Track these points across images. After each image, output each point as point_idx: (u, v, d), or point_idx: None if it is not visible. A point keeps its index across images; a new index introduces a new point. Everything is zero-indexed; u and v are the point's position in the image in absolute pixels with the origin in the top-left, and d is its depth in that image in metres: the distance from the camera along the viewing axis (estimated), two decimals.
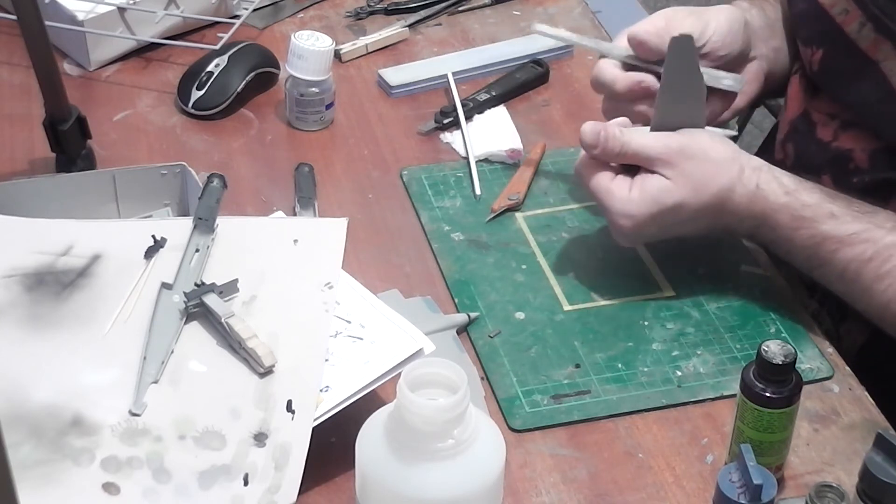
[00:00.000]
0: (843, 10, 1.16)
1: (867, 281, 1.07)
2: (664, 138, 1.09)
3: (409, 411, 0.82)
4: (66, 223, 1.09)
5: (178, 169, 1.18)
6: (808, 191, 1.09)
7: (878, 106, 1.14)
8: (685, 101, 1.11)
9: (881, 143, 1.16)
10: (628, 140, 1.10)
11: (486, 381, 1.07)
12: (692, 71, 1.10)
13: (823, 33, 1.18)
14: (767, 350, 0.93)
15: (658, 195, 1.09)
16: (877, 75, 1.12)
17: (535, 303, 1.15)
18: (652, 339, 1.11)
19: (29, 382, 0.97)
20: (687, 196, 1.08)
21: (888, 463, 0.86)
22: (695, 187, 1.08)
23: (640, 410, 1.05)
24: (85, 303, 1.03)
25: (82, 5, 1.39)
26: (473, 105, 1.37)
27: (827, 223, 1.07)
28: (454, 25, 1.53)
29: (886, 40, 1.11)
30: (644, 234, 1.12)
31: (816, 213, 1.08)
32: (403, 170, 1.30)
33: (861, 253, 1.06)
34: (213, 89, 1.35)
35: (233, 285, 1.04)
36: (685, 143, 1.09)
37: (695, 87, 1.10)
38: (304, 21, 1.52)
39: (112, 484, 0.92)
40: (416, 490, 0.83)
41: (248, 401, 0.97)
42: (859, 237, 1.07)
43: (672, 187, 1.08)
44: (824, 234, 1.07)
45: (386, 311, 1.03)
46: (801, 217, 1.08)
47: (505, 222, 1.24)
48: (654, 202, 1.09)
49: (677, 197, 1.08)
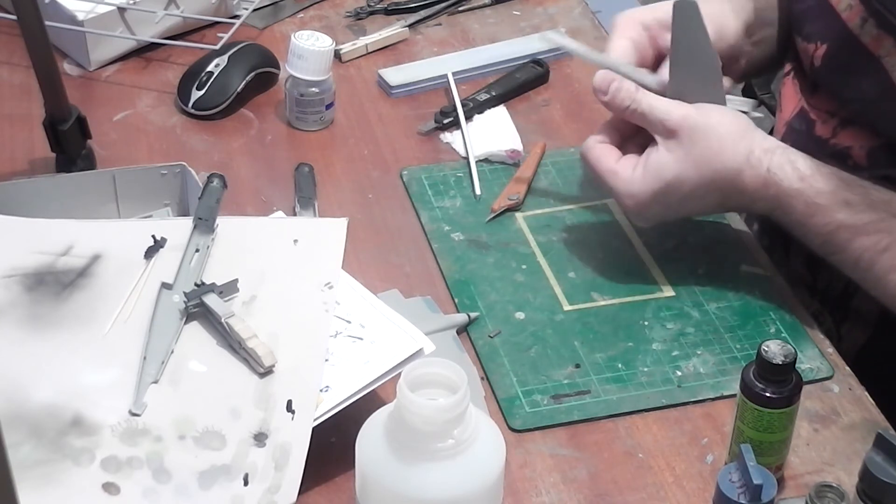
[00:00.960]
0: (847, 5, 1.16)
1: (881, 271, 1.06)
2: (674, 105, 1.09)
3: (409, 411, 0.82)
4: (66, 223, 1.09)
5: (178, 169, 1.18)
6: (824, 177, 1.07)
7: (878, 102, 1.13)
8: (698, 71, 1.10)
9: (880, 140, 1.16)
10: (640, 98, 1.10)
11: (486, 381, 1.07)
12: (700, 38, 1.09)
13: (828, 29, 1.18)
14: (767, 350, 0.93)
15: (657, 170, 1.08)
16: (878, 71, 1.12)
17: (535, 303, 1.15)
18: (652, 339, 1.11)
19: (29, 382, 0.97)
20: (685, 170, 1.08)
21: (888, 463, 0.86)
22: (695, 162, 1.08)
23: (640, 410, 1.05)
24: (85, 303, 1.03)
25: (82, 5, 1.38)
26: (473, 105, 1.37)
27: (842, 212, 1.06)
28: (454, 25, 1.53)
29: (888, 36, 1.11)
30: (651, 212, 1.12)
31: (831, 200, 1.07)
32: (403, 170, 1.30)
33: (876, 243, 1.06)
34: (213, 89, 1.35)
35: (233, 285, 1.04)
36: (692, 116, 1.08)
37: (706, 57, 1.10)
38: (304, 21, 1.52)
39: (112, 484, 0.92)
40: (416, 490, 0.83)
41: (248, 401, 0.97)
42: (875, 227, 1.06)
43: (670, 161, 1.08)
44: (839, 222, 1.07)
45: (386, 311, 1.03)
46: (815, 204, 1.07)
47: (505, 222, 1.24)
48: (655, 178, 1.09)
49: (675, 171, 1.08)
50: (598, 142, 1.14)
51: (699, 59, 1.10)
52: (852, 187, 1.07)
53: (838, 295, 1.21)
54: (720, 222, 1.24)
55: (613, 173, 1.11)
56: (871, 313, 1.19)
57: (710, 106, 1.10)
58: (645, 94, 1.11)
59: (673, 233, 1.21)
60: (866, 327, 1.20)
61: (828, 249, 1.09)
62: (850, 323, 1.20)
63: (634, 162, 1.11)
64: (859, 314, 1.20)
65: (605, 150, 1.13)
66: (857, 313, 1.20)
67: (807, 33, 1.22)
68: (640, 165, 1.10)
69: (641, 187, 1.09)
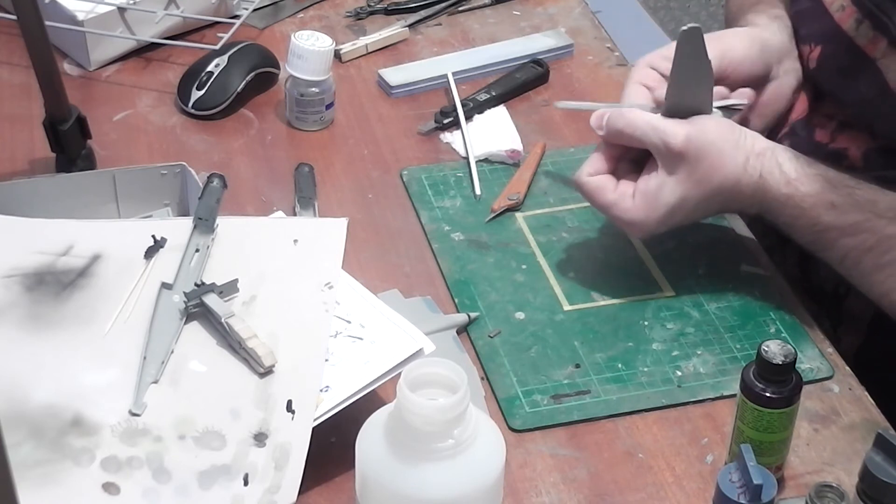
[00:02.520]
0: (840, 6, 1.16)
1: (866, 269, 1.07)
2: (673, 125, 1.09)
3: (409, 411, 0.82)
4: (66, 223, 1.09)
5: (178, 169, 1.18)
6: (809, 179, 1.08)
7: (873, 104, 1.13)
8: (694, 88, 1.10)
9: (876, 142, 1.16)
10: (635, 119, 1.09)
11: (486, 381, 1.07)
12: (701, 59, 1.09)
13: (821, 30, 1.18)
14: (767, 350, 0.93)
15: (657, 195, 1.08)
16: (873, 73, 1.12)
17: (535, 303, 1.15)
18: (652, 339, 1.11)
19: (29, 382, 0.97)
20: (688, 190, 1.08)
21: (888, 463, 0.86)
22: (698, 181, 1.08)
23: (640, 410, 1.05)
24: (85, 303, 1.03)
25: (82, 5, 1.39)
26: (473, 105, 1.37)
27: (828, 214, 1.07)
28: (454, 25, 1.53)
29: (883, 38, 1.11)
30: (656, 232, 1.12)
31: (817, 202, 1.07)
32: (403, 170, 1.30)
33: (861, 242, 1.07)
34: (213, 89, 1.35)
35: (233, 285, 1.04)
36: (693, 136, 1.08)
37: (703, 75, 1.10)
38: (304, 21, 1.52)
39: (112, 484, 0.92)
40: (416, 490, 0.83)
41: (248, 401, 0.97)
42: (860, 227, 1.06)
43: (672, 183, 1.08)
44: (825, 224, 1.07)
45: (386, 311, 1.03)
46: (801, 207, 1.08)
47: (505, 222, 1.24)
48: (656, 203, 1.09)
49: (678, 193, 1.08)
50: (589, 175, 1.12)
51: (698, 80, 1.10)
52: (838, 188, 1.08)
53: (830, 297, 1.21)
54: (720, 223, 1.24)
55: (612, 206, 1.11)
56: (863, 317, 1.19)
57: (703, 118, 1.10)
58: (641, 115, 1.10)
59: (673, 233, 1.21)
60: (860, 330, 1.20)
61: (816, 248, 1.10)
62: (844, 326, 1.20)
63: (632, 189, 1.10)
64: (852, 317, 1.20)
65: (599, 183, 1.12)
66: (850, 315, 1.20)
67: (802, 35, 1.22)
68: (638, 193, 1.10)
69: (643, 214, 1.09)
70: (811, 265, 1.22)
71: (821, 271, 1.19)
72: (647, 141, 1.09)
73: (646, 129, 1.09)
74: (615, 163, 1.13)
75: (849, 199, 1.07)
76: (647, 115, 1.11)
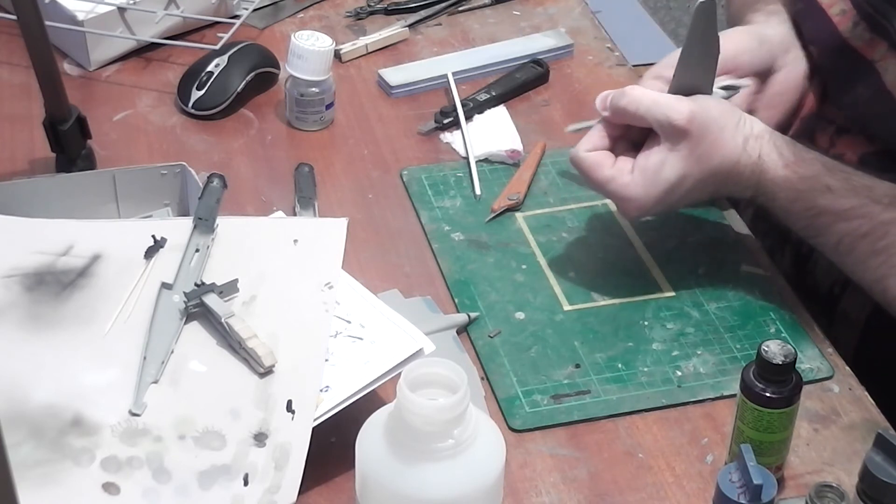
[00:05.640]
0: (840, 10, 1.16)
1: (861, 255, 1.07)
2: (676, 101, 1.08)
3: (409, 411, 0.82)
4: (66, 223, 1.09)
5: (178, 169, 1.18)
6: (807, 163, 1.08)
7: (870, 106, 1.13)
8: (702, 65, 1.10)
9: (873, 146, 1.16)
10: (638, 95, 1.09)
11: (486, 381, 1.07)
12: (712, 35, 1.09)
13: (817, 31, 1.18)
14: (767, 350, 0.93)
15: (658, 171, 1.07)
16: (871, 75, 1.12)
17: (535, 303, 1.15)
18: (652, 339, 1.11)
19: (29, 382, 0.97)
20: (688, 167, 1.07)
21: (888, 463, 0.86)
22: (698, 158, 1.07)
23: (640, 410, 1.05)
24: (85, 303, 1.03)
25: (82, 5, 1.39)
26: (473, 105, 1.37)
27: (824, 197, 1.07)
28: (454, 25, 1.53)
29: (882, 40, 1.11)
30: (652, 211, 1.11)
31: (813, 186, 1.07)
32: (403, 170, 1.30)
33: (856, 228, 1.06)
34: (213, 89, 1.35)
35: (233, 285, 1.04)
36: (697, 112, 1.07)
37: (711, 52, 1.10)
38: (304, 21, 1.52)
39: (112, 484, 0.92)
40: (416, 490, 0.83)
41: (248, 401, 0.97)
42: (855, 212, 1.06)
43: (673, 159, 1.07)
44: (820, 207, 1.07)
45: (386, 311, 1.03)
46: (797, 190, 1.08)
47: (505, 222, 1.24)
48: (656, 179, 1.07)
49: (678, 169, 1.07)
50: (587, 150, 1.11)
51: (705, 58, 1.10)
52: (834, 173, 1.08)
53: (825, 298, 1.21)
54: (720, 222, 1.24)
55: (610, 181, 1.10)
56: (858, 318, 1.19)
57: (704, 97, 1.09)
58: (645, 92, 1.10)
59: (673, 233, 1.21)
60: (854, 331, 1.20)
61: (810, 233, 1.10)
62: (838, 326, 1.20)
63: (630, 165, 1.10)
64: (847, 318, 1.20)
65: (597, 158, 1.11)
66: (845, 316, 1.20)
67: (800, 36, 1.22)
68: (637, 168, 1.09)
69: (642, 190, 1.08)
70: (807, 266, 1.22)
71: (816, 272, 1.19)
72: (651, 117, 1.08)
73: (649, 104, 1.08)
74: (614, 141, 1.12)
75: (845, 184, 1.07)
76: (650, 92, 1.10)
